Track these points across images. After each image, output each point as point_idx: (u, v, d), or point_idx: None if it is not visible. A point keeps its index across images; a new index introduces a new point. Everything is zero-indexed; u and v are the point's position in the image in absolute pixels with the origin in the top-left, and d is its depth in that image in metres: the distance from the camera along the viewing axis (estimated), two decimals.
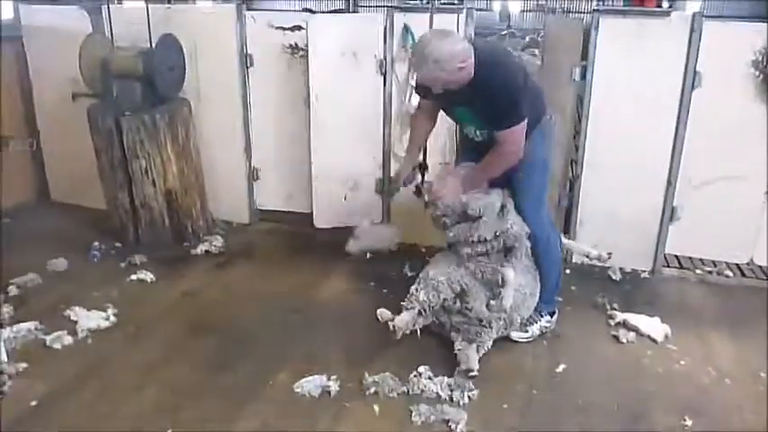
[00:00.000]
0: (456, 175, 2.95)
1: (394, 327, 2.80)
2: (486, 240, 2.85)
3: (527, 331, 3.08)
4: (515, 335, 3.06)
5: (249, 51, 4.10)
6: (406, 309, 2.87)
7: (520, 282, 2.91)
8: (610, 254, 3.32)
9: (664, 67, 3.46)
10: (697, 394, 2.73)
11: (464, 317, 2.89)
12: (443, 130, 3.54)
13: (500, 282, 2.85)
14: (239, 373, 2.81)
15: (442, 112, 3.06)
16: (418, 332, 2.89)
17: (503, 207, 2.89)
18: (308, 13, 3.98)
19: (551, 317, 3.16)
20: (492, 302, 2.85)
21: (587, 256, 3.37)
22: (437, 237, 3.18)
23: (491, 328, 2.88)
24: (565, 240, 3.33)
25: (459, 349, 2.84)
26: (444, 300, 2.86)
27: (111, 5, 4.00)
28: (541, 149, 2.92)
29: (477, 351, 2.83)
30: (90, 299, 3.36)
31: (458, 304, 2.89)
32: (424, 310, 2.86)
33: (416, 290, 2.89)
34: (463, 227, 2.88)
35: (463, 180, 2.91)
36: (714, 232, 3.66)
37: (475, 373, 2.73)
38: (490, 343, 2.90)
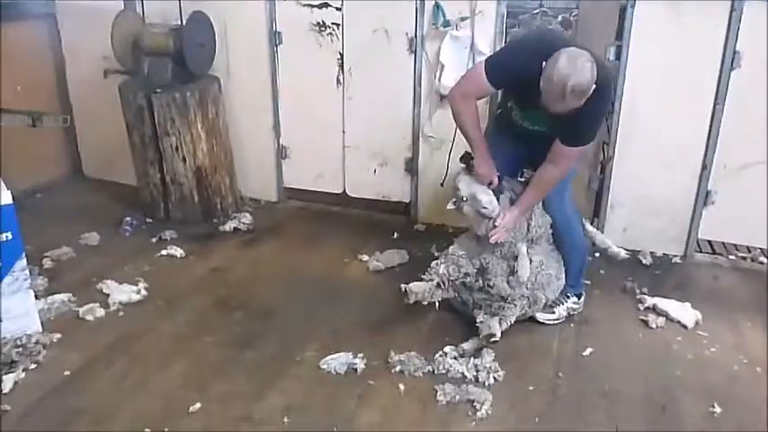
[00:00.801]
0: (511, 212, 2.80)
1: (407, 290, 2.82)
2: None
3: (554, 312, 3.05)
4: (541, 316, 3.04)
5: (278, 29, 4.09)
6: (425, 280, 2.89)
7: (541, 260, 2.91)
8: (628, 252, 3.28)
9: (701, 46, 3.35)
10: (727, 382, 2.69)
11: (486, 293, 2.89)
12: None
13: (515, 255, 2.87)
14: (266, 350, 2.84)
15: None
16: (437, 304, 2.90)
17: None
18: None
19: (578, 299, 3.13)
20: (511, 278, 2.86)
21: (606, 250, 3.29)
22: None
23: (515, 305, 2.87)
24: (589, 228, 3.28)
25: (480, 321, 2.84)
26: (466, 275, 2.88)
27: None
28: None
29: (500, 324, 2.81)
30: (121, 273, 3.43)
31: (479, 282, 2.89)
32: (443, 283, 2.87)
33: (437, 263, 2.91)
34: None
35: (518, 211, 2.80)
36: (749, 218, 3.56)
37: (497, 338, 2.74)
38: (513, 319, 2.88)
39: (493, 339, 2.74)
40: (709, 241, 3.83)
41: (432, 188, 3.92)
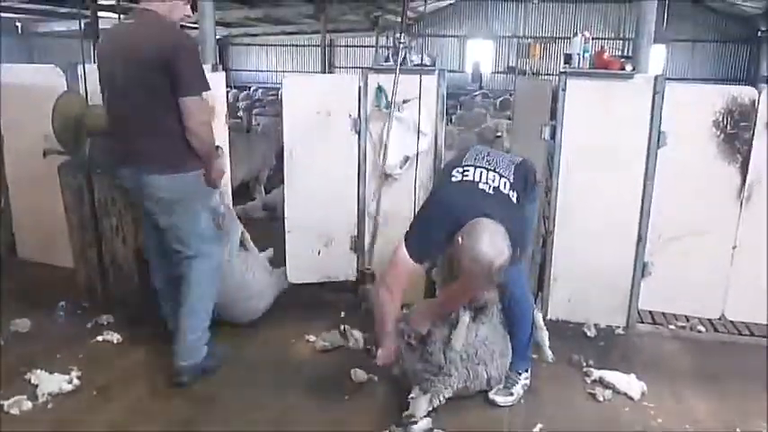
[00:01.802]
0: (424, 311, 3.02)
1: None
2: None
3: (511, 394, 3.02)
4: (500, 399, 2.99)
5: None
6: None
7: (487, 335, 2.94)
8: (573, 324, 3.37)
9: (629, 126, 3.56)
10: None
11: (425, 362, 2.88)
12: None
13: (456, 322, 2.92)
14: None
15: None
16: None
17: None
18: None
19: (527, 372, 3.13)
20: (447, 348, 2.88)
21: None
22: (413, 295, 3.15)
23: (450, 376, 2.85)
24: (537, 315, 3.31)
25: (411, 397, 2.81)
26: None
27: (86, 64, 4.02)
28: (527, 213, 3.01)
29: (431, 401, 2.78)
30: (54, 361, 3.24)
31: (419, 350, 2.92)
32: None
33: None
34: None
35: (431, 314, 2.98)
36: (685, 288, 3.69)
37: (415, 420, 2.70)
38: (448, 393, 2.84)
39: (411, 420, 2.70)
40: (649, 311, 3.93)
41: (378, 266, 3.92)
